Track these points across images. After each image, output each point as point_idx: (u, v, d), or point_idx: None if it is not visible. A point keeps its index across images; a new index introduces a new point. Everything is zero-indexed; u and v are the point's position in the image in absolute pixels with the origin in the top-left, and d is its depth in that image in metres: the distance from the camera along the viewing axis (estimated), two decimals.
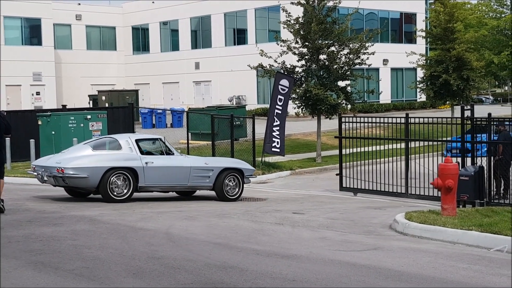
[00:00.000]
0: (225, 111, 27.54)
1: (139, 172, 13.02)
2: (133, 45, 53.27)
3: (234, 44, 45.54)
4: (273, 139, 21.62)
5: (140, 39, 52.83)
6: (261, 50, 23.88)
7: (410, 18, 47.66)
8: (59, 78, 47.63)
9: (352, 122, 16.54)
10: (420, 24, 44.76)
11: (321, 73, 24.49)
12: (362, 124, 16.65)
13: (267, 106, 29.36)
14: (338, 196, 16.27)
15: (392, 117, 16.36)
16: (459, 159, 14.40)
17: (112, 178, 12.72)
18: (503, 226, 9.20)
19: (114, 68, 52.49)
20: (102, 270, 6.87)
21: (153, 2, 50.48)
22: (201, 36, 48.04)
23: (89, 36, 51.67)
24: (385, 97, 43.57)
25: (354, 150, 16.42)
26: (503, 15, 63.75)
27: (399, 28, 47.74)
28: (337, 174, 16.92)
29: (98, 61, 50.95)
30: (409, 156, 15.49)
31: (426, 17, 46.37)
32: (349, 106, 25.80)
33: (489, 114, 14.22)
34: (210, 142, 21.82)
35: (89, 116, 20.50)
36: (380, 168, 15.61)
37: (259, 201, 14.59)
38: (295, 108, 25.28)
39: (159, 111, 36.06)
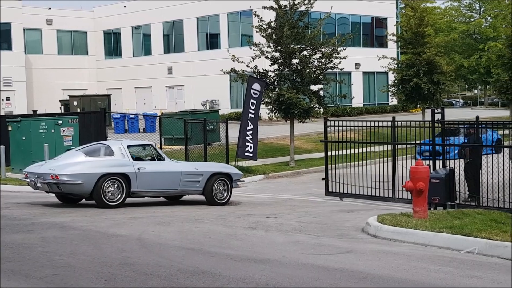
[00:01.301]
0: (198, 116, 27.50)
1: (131, 177, 13.19)
2: (105, 50, 52.88)
3: (207, 49, 45.49)
4: (247, 143, 21.64)
5: (112, 44, 52.48)
6: (233, 55, 23.91)
7: (381, 22, 48.12)
8: (30, 83, 47.06)
9: (338, 126, 16.26)
10: (391, 28, 45.26)
11: (294, 77, 24.58)
12: (340, 128, 16.32)
13: (240, 110, 29.38)
14: (312, 200, 16.32)
15: (378, 121, 16.07)
16: (430, 162, 14.55)
17: (105, 184, 12.88)
18: (473, 228, 9.32)
19: (86, 73, 52.05)
20: (73, 277, 6.79)
21: (125, 6, 50.21)
22: (173, 40, 47.89)
23: (60, 41, 51.17)
24: (357, 101, 43.87)
25: (339, 154, 16.14)
26: (472, 19, 64.73)
27: (370, 33, 48.17)
28: (322, 179, 16.66)
29: (69, 66, 50.47)
30: (396, 159, 15.26)
31: (397, 22, 46.90)
32: (321, 110, 25.93)
33: (477, 117, 13.95)
34: (183, 147, 21.75)
35: (60, 122, 20.30)
36: (366, 172, 15.42)
37: (232, 205, 14.57)
38: (268, 113, 25.33)
39: (131, 116, 35.82)
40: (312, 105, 24.41)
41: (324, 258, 8.10)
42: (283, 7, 24.24)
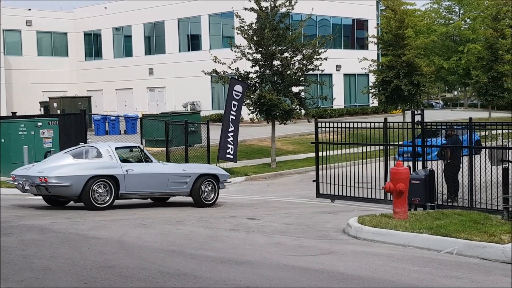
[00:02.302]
0: (179, 117, 27.42)
1: (120, 179, 13.25)
2: (86, 51, 52.55)
3: (188, 50, 45.40)
4: (228, 145, 21.61)
5: (93, 45, 52.17)
6: (214, 56, 23.89)
7: (362, 24, 48.37)
8: (9, 84, 46.61)
9: (329, 127, 16.10)
10: (372, 30, 45.49)
11: (275, 79, 24.62)
12: (326, 129, 16.17)
13: (222, 112, 29.37)
14: (293, 201, 16.35)
15: (369, 122, 15.89)
16: (411, 163, 14.65)
17: (94, 186, 12.93)
18: (452, 229, 9.39)
19: (66, 74, 51.67)
20: (52, 280, 6.74)
21: (105, 7, 49.94)
22: (154, 42, 47.73)
23: (40, 42, 50.75)
24: (338, 103, 44.03)
25: (327, 155, 15.98)
26: (451, 22, 65.33)
27: (351, 34, 48.39)
28: (313, 181, 16.50)
29: (49, 68, 50.06)
30: (388, 161, 15.15)
31: (377, 24, 47.18)
32: (302, 111, 26.00)
33: (470, 118, 13.90)
34: (165, 149, 21.67)
35: (39, 124, 20.14)
36: (357, 174, 15.26)
37: (214, 207, 14.55)
38: (249, 114, 25.34)
39: (112, 117, 35.63)
40: (293, 106, 24.47)
41: (305, 259, 8.12)
42: (264, 8, 24.27)
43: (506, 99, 41.46)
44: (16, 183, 13.40)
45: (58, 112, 35.72)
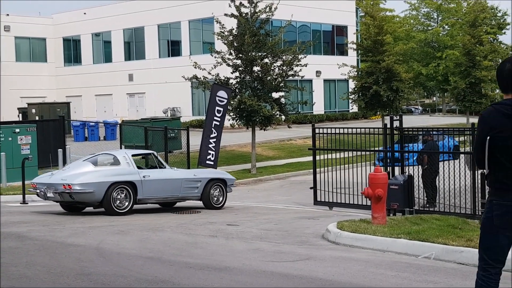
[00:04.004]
0: (159, 123, 27.32)
1: (137, 185, 13.77)
2: (65, 57, 52.22)
3: (168, 56, 45.32)
4: (209, 151, 21.52)
5: (72, 51, 51.86)
6: (194, 62, 23.87)
7: (341, 30, 48.65)
8: None
9: (326, 133, 15.83)
10: (351, 36, 45.78)
11: (255, 85, 24.66)
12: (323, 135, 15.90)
13: (203, 117, 29.33)
14: (273, 207, 16.36)
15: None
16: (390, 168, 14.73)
17: (114, 193, 13.40)
18: (430, 234, 9.45)
19: (45, 80, 51.28)
20: None
21: (84, 13, 49.69)
22: (134, 47, 47.58)
23: (18, 48, 50.34)
24: (319, 108, 44.21)
25: (325, 162, 15.51)
26: (430, 28, 65.97)
27: (331, 40, 48.65)
28: (311, 188, 16.18)
29: (28, 73, 49.66)
30: (387, 166, 14.87)
31: (356, 30, 47.52)
32: (283, 117, 26.06)
33: (473, 124, 13.64)
34: None
35: (17, 130, 19.94)
36: (353, 180, 14.84)
37: (193, 213, 14.52)
38: (229, 120, 25.33)
39: (91, 123, 35.40)
40: (273, 112, 24.52)
41: (284, 265, 8.11)
42: (244, 14, 24.32)
43: (484, 105, 41.91)
44: (38, 190, 13.74)
45: (37, 118, 35.44)
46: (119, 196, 13.48)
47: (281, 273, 7.59)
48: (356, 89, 34.65)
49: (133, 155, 14.32)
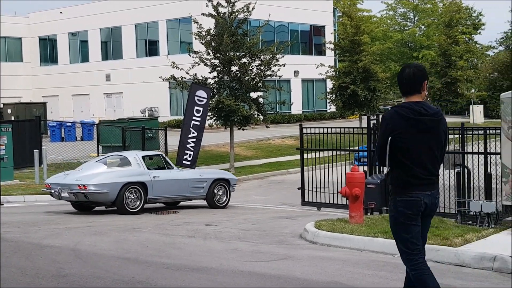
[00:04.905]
0: (137, 123, 27.17)
1: (148, 185, 14.27)
2: (41, 56, 51.70)
3: (146, 56, 45.10)
4: (186, 151, 21.42)
5: (48, 50, 51.36)
6: (172, 62, 23.78)
7: (319, 30, 48.83)
8: None
9: (313, 133, 15.70)
10: (329, 36, 46.00)
11: (233, 85, 24.66)
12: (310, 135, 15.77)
13: (181, 118, 29.20)
14: (251, 207, 16.37)
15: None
16: (367, 168, 14.80)
17: (127, 193, 13.88)
18: None
19: (21, 80, 50.73)
20: None
21: (61, 12, 49.23)
22: (111, 47, 47.26)
23: None
24: (297, 108, 44.34)
25: (314, 160, 15.51)
26: (406, 28, 66.50)
27: (309, 40, 48.79)
28: (298, 188, 16.06)
29: (3, 73, 48.93)
30: (372, 166, 14.66)
31: (334, 30, 47.71)
32: (261, 117, 26.09)
33: (462, 124, 13.62)
34: None
35: None
36: (340, 180, 14.54)
37: (171, 213, 14.47)
38: (208, 120, 25.28)
39: (68, 124, 35.10)
40: (251, 112, 24.53)
41: (262, 265, 8.12)
42: (222, 14, 24.29)
43: (459, 104, 42.37)
44: (52, 190, 14.07)
45: (12, 118, 35.01)
46: (131, 196, 13.94)
47: (258, 273, 7.59)
48: (333, 89, 34.79)
49: (143, 157, 14.80)
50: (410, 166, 5.03)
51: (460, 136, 12.92)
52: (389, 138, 5.02)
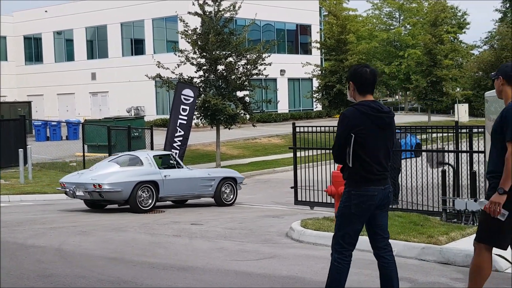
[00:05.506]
0: (122, 123, 27.07)
1: (160, 184, 14.66)
2: (26, 55, 51.34)
3: (132, 55, 44.94)
4: (172, 150, 21.41)
5: (33, 49, 51.01)
6: (158, 61, 23.71)
7: (305, 29, 48.90)
8: None
9: (306, 132, 15.53)
10: (315, 35, 46.08)
11: (219, 84, 24.64)
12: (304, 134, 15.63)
13: (167, 117, 29.15)
14: (237, 205, 16.35)
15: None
16: None
17: (140, 191, 14.23)
18: (392, 230, 9.52)
19: (5, 79, 50.31)
20: None
21: (46, 11, 48.92)
22: (97, 46, 47.03)
23: None
24: (283, 107, 44.39)
25: (304, 159, 15.38)
26: (392, 27, 66.75)
27: (295, 39, 48.85)
28: (292, 187, 15.94)
29: None
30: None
31: (320, 29, 47.80)
32: (247, 116, 26.09)
33: (456, 122, 13.59)
34: (107, 155, 21.32)
35: None
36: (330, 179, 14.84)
37: (157, 213, 14.43)
38: (194, 119, 25.24)
39: (53, 123, 34.91)
40: (238, 111, 24.52)
41: (248, 264, 8.12)
42: (208, 13, 24.26)
43: (444, 103, 42.62)
44: (66, 189, 14.41)
45: None
46: (144, 195, 14.27)
47: (244, 271, 7.59)
48: (320, 87, 34.86)
49: (154, 156, 15.14)
50: (369, 163, 5.19)
51: (454, 134, 12.97)
52: (352, 135, 5.12)
